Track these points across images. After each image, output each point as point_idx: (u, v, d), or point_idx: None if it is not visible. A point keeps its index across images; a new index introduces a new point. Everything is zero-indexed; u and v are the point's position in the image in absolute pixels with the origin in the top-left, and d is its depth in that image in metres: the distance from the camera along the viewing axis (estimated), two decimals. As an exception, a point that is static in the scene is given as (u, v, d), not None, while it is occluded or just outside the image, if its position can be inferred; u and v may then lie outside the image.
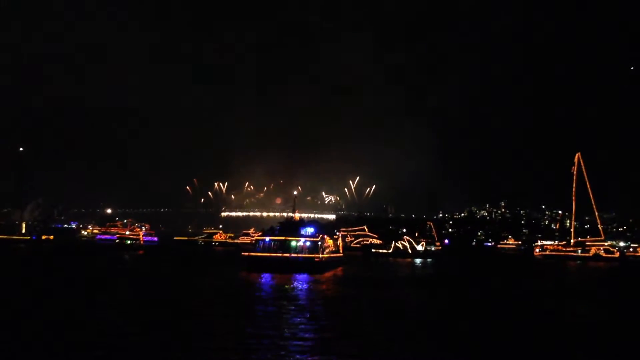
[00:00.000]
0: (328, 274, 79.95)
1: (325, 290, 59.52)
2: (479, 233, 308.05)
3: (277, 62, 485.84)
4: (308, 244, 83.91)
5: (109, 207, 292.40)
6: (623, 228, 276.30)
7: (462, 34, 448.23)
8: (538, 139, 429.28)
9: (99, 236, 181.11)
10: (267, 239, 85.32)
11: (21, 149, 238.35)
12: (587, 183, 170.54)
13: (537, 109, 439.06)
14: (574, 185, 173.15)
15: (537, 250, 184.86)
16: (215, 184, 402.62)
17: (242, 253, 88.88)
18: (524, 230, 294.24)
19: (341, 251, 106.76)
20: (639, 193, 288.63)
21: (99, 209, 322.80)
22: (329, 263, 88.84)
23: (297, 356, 27.14)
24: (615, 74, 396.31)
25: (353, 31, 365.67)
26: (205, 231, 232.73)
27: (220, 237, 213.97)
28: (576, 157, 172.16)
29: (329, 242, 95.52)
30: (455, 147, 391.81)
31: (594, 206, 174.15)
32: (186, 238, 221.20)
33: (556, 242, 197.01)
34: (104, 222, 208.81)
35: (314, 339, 31.36)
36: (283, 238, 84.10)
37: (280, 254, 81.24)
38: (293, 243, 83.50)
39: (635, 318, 46.89)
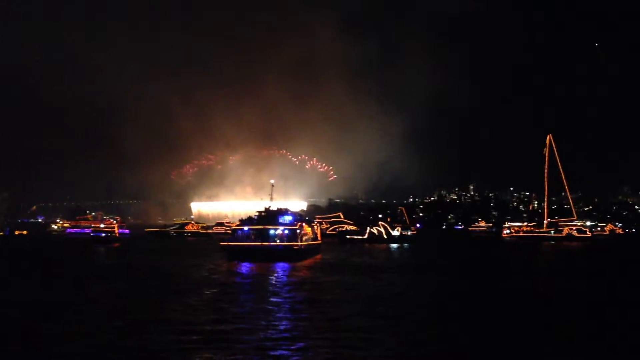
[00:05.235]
0: (307, 262, 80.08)
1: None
2: (449, 217, 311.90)
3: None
4: (287, 232, 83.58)
5: (75, 201, 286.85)
6: (589, 208, 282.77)
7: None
8: (507, 121, 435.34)
9: (68, 230, 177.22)
10: (246, 228, 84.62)
11: None
12: (559, 164, 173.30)
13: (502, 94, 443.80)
14: (545, 166, 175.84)
15: (506, 232, 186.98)
16: (184, 171, 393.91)
17: (221, 243, 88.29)
18: (494, 213, 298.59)
19: (319, 238, 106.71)
20: (605, 172, 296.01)
21: (65, 202, 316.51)
22: (308, 251, 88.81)
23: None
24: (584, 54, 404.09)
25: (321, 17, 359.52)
26: (176, 221, 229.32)
27: (193, 227, 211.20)
28: (547, 138, 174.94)
29: (307, 229, 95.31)
30: (423, 130, 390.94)
31: (566, 187, 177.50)
32: (157, 230, 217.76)
33: (525, 223, 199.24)
34: (72, 215, 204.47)
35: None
36: (262, 227, 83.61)
37: (259, 243, 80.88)
38: (272, 231, 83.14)
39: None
